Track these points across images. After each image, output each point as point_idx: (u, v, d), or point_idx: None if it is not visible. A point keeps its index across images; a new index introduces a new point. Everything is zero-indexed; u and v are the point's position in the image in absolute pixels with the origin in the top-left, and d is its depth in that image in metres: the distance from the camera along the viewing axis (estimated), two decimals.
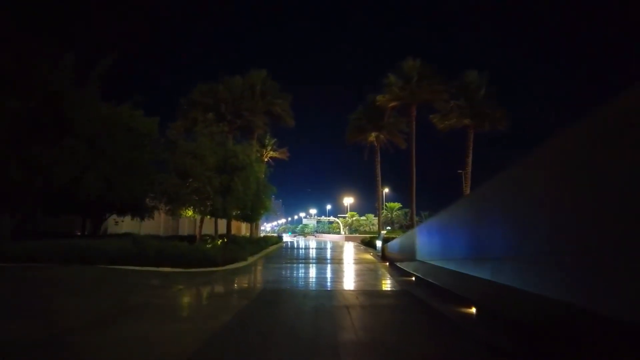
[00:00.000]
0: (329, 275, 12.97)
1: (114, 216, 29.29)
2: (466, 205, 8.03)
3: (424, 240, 12.13)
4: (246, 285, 10.11)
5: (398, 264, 15.45)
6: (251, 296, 7.89)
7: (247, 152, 20.29)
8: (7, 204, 12.98)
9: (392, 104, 29.16)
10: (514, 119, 28.30)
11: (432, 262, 10.01)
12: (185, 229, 32.02)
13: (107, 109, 15.42)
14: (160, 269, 12.63)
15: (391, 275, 13.03)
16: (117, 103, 15.46)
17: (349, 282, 11.25)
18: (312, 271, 14.24)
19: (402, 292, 9.46)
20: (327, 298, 8.04)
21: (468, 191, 26.43)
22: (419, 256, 12.53)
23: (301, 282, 10.84)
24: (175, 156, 18.72)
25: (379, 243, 21.95)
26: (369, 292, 9.37)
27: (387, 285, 10.98)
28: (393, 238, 25.27)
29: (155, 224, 32.79)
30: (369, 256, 21.76)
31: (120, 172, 15.24)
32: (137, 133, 19.68)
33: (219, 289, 9.63)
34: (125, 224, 31.41)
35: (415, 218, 30.92)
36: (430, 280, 9.29)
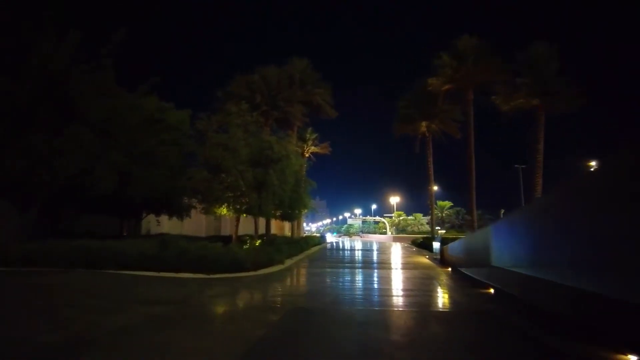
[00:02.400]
0: (380, 285, 10.46)
1: (152, 216, 28.70)
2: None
3: (505, 242, 9.41)
4: (273, 300, 7.89)
5: (464, 270, 12.68)
6: (272, 321, 5.64)
7: (283, 144, 18.25)
8: (13, 199, 11.71)
9: (446, 87, 25.92)
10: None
11: (517, 270, 7.47)
12: (227, 229, 30.57)
13: (130, 98, 13.93)
14: (180, 274, 10.81)
15: (460, 286, 10.31)
16: (130, 89, 13.84)
17: (408, 295, 8.68)
18: (359, 279, 11.81)
19: (486, 314, 6.79)
20: (381, 326, 5.60)
21: (539, 185, 22.73)
22: (495, 261, 9.87)
23: (344, 297, 8.43)
24: (205, 148, 17.14)
25: (436, 244, 19.05)
26: (437, 313, 6.83)
27: (459, 301, 8.29)
28: (452, 239, 22.20)
29: (197, 224, 31.88)
30: (424, 259, 18.91)
31: (139, 165, 13.69)
32: (165, 125, 18.36)
33: (232, 307, 7.47)
34: (167, 225, 30.79)
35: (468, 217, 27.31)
36: (518, 294, 6.68)
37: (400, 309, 7.00)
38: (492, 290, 8.95)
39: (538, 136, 22.94)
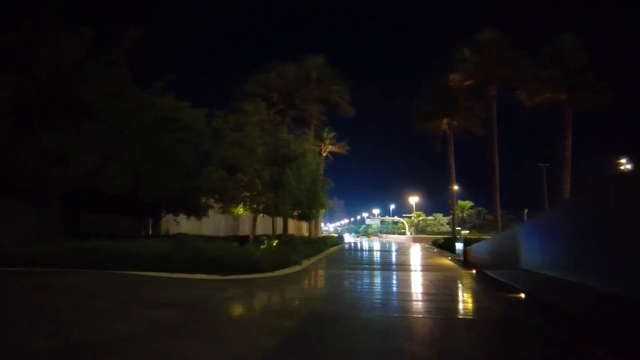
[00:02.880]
0: (401, 288, 9.94)
1: (171, 216, 28.77)
2: None
3: (536, 243, 8.83)
4: (288, 304, 7.48)
5: (489, 273, 12.02)
6: (287, 328, 5.23)
7: (299, 142, 17.89)
8: (28, 199, 11.67)
9: (467, 82, 25.05)
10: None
11: (551, 273, 6.88)
12: (245, 229, 30.37)
13: (145, 96, 13.81)
14: (194, 275, 10.54)
15: (486, 290, 9.70)
16: (138, 82, 13.67)
17: (432, 300, 8.14)
18: (379, 282, 11.30)
19: (519, 322, 6.22)
20: (405, 335, 5.12)
21: (567, 184, 21.64)
22: (524, 263, 9.33)
23: (364, 301, 7.94)
24: (221, 147, 16.94)
25: (459, 245, 18.33)
26: (466, 321, 6.29)
27: (487, 307, 7.72)
28: (475, 240, 21.39)
29: (216, 224, 31.82)
30: (447, 261, 18.22)
31: (153, 164, 13.53)
32: (181, 124, 18.26)
33: (245, 312, 7.10)
34: (185, 225, 30.83)
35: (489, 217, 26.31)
36: (553, 301, 6.13)
37: (425, 316, 6.49)
38: (522, 295, 8.33)
39: (565, 132, 21.84)
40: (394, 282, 10.97)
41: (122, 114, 12.08)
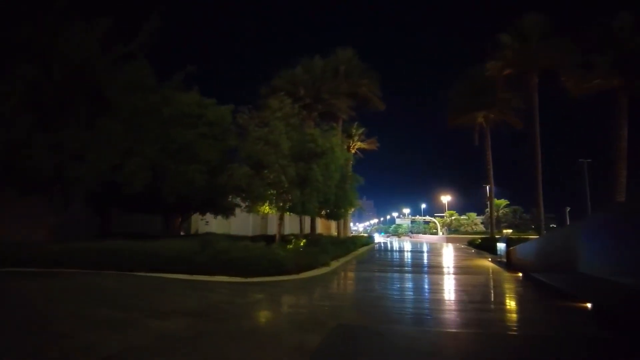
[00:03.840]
0: (441, 294, 8.85)
1: (197, 215, 28.61)
2: None
3: (603, 243, 7.51)
4: (314, 312, 6.58)
5: (539, 277, 10.74)
6: (311, 346, 4.35)
7: (327, 136, 16.99)
8: (47, 197, 11.39)
9: (506, 71, 23.29)
10: None
11: (621, 280, 5.76)
12: (274, 228, 29.86)
13: (165, 90, 13.34)
14: (214, 278, 9.91)
15: (541, 298, 8.50)
16: (162, 79, 13.16)
17: (479, 310, 7.02)
18: (414, 287, 10.24)
19: (598, 342, 5.07)
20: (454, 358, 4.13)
21: (622, 177, 19.53)
22: (585, 267, 8.04)
23: (399, 311, 6.93)
24: (245, 144, 16.31)
25: (501, 246, 16.86)
26: (526, 339, 5.19)
27: (548, 320, 6.53)
28: (516, 240, 19.77)
29: (244, 223, 31.55)
30: (487, 263, 16.81)
31: (174, 160, 13.03)
32: (206, 120, 17.82)
33: (264, 322, 6.27)
34: (215, 224, 30.69)
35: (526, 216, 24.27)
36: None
37: (474, 331, 5.43)
38: (588, 306, 7.10)
39: (620, 121, 19.73)
40: (431, 287, 9.88)
41: (142, 109, 11.61)
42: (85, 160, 10.03)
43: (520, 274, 12.59)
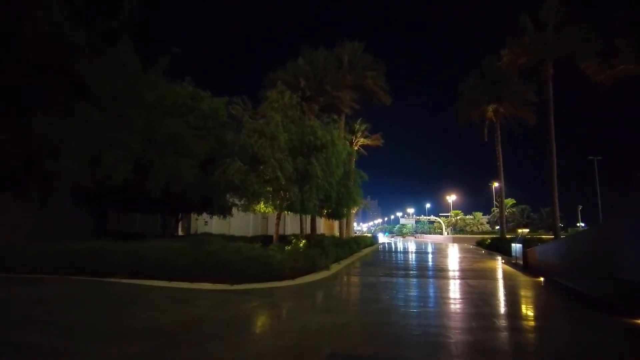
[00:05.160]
0: (460, 306, 7.55)
1: (194, 215, 27.47)
2: None
3: None
4: (305, 333, 5.33)
5: (567, 283, 9.46)
6: None
7: (328, 129, 15.72)
8: (21, 195, 10.23)
9: (521, 60, 21.87)
10: None
11: None
12: (274, 228, 28.76)
13: (149, 77, 12.14)
14: (197, 285, 8.73)
15: (581, 312, 7.20)
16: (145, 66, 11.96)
17: (509, 329, 5.74)
18: (427, 296, 8.97)
19: None
20: None
21: None
22: (628, 272, 6.79)
23: (411, 332, 5.66)
24: (240, 137, 15.10)
25: (516, 247, 15.53)
26: None
27: (604, 344, 5.22)
28: (528, 239, 18.44)
29: (244, 224, 30.42)
30: (501, 265, 15.46)
31: (160, 153, 11.86)
32: (200, 113, 16.67)
33: (240, 348, 5.03)
34: (215, 224, 29.54)
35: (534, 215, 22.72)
36: None
37: None
38: None
39: None
40: (445, 295, 8.60)
41: (123, 94, 10.42)
42: (61, 152, 8.84)
43: (542, 279, 11.29)
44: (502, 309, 7.17)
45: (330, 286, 9.82)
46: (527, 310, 7.29)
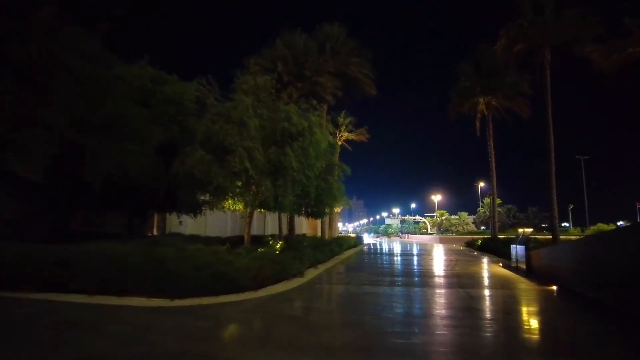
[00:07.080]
0: (472, 334, 5.68)
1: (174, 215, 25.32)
2: None
3: None
4: None
5: (588, 294, 7.72)
6: None
7: (305, 115, 13.79)
8: None
9: (517, 48, 20.30)
10: None
11: None
12: (254, 228, 26.60)
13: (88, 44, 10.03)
14: (126, 300, 6.71)
15: (628, 340, 5.40)
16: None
17: None
18: (424, 314, 7.11)
19: None
20: None
21: None
22: None
23: None
24: (203, 122, 13.07)
25: (517, 248, 13.84)
26: None
27: None
28: (533, 241, 16.87)
29: (222, 223, 28.34)
30: (500, 269, 13.73)
31: (97, 135, 9.78)
32: (162, 98, 14.57)
33: None
34: (190, 225, 27.35)
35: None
36: None
37: None
38: None
39: None
40: (444, 315, 6.72)
41: (41, 61, 8.32)
42: None
43: (554, 287, 9.56)
44: (523, 335, 5.34)
45: (298, 300, 7.87)
46: (555, 336, 5.49)
